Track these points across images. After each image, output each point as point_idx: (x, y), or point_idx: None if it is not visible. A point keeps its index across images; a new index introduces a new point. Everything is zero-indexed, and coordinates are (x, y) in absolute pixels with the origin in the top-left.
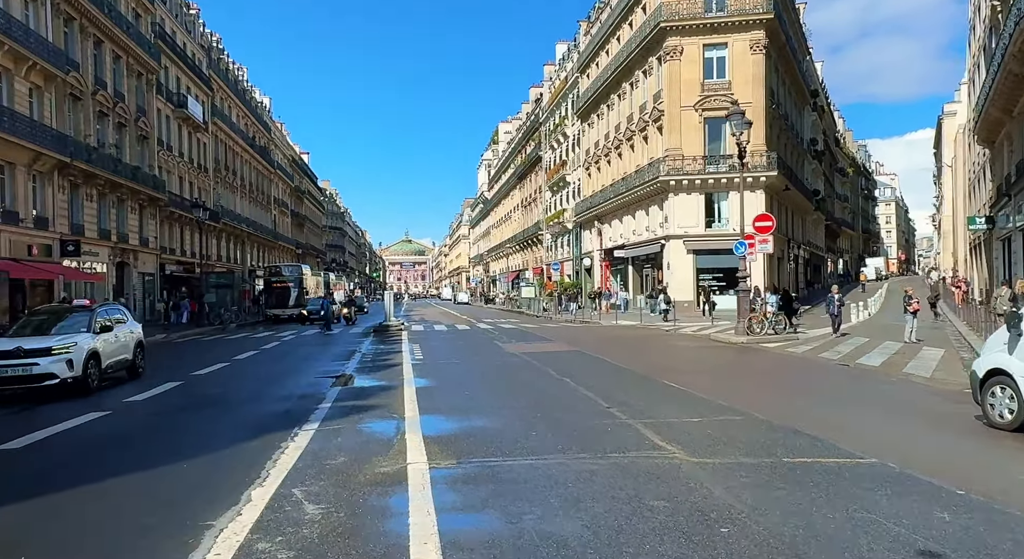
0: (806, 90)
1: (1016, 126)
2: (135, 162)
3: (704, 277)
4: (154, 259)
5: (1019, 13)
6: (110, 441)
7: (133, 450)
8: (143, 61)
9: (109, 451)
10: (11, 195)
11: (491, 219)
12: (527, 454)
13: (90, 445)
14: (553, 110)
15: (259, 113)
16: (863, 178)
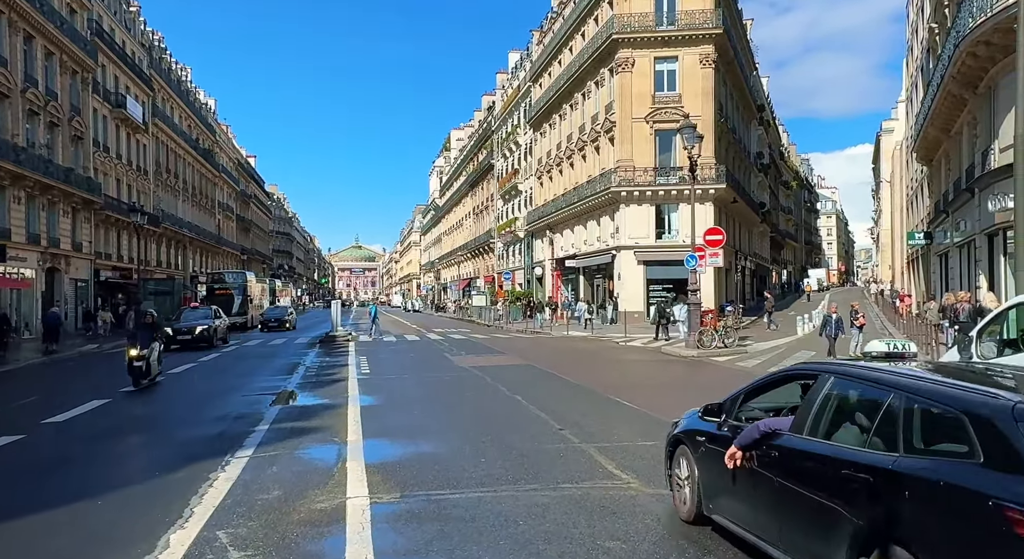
0: (753, 104)
1: (953, 145)
2: (68, 163)
3: (654, 288)
4: (88, 265)
5: (958, 36)
6: (15, 473)
7: (41, 483)
8: (78, 58)
9: (10, 485)
10: None
11: (442, 226)
12: (476, 485)
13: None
14: (506, 118)
15: (203, 115)
16: (806, 191)
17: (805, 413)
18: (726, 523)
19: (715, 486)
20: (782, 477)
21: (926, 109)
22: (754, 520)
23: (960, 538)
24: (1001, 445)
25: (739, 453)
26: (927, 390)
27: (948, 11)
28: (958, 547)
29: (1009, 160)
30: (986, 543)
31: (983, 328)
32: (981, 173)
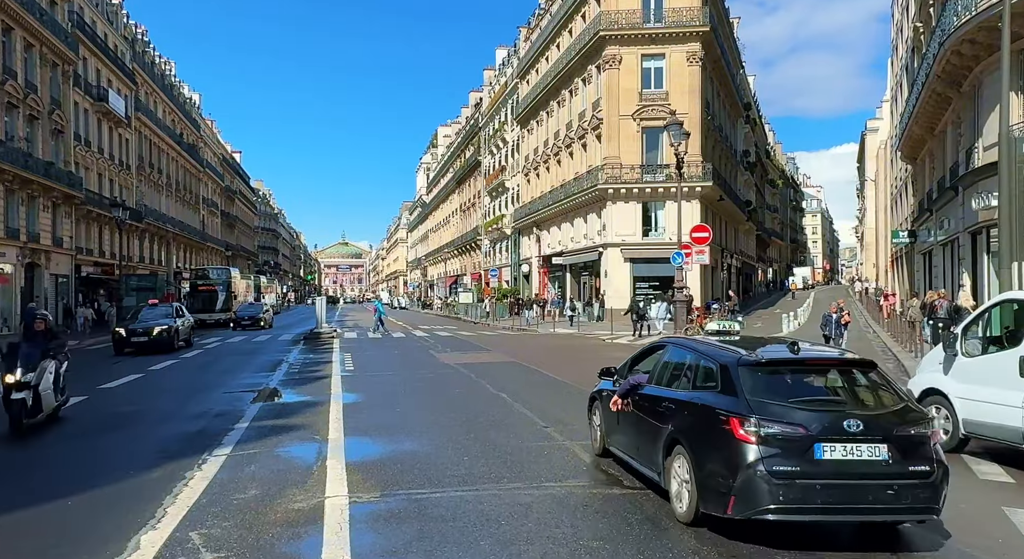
0: (739, 103)
1: (938, 144)
2: (48, 157)
3: (641, 286)
4: (69, 260)
5: (942, 35)
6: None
7: (13, 483)
8: (58, 51)
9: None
10: None
11: (429, 223)
12: (458, 484)
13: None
14: (493, 115)
15: (187, 109)
16: (791, 190)
17: (655, 370)
18: (616, 451)
19: (610, 426)
20: (640, 412)
21: (911, 108)
22: (627, 444)
23: (708, 434)
24: (728, 380)
25: (619, 400)
26: (705, 351)
27: (933, 10)
28: (707, 439)
29: (993, 158)
30: (718, 435)
31: (967, 326)
32: (965, 171)
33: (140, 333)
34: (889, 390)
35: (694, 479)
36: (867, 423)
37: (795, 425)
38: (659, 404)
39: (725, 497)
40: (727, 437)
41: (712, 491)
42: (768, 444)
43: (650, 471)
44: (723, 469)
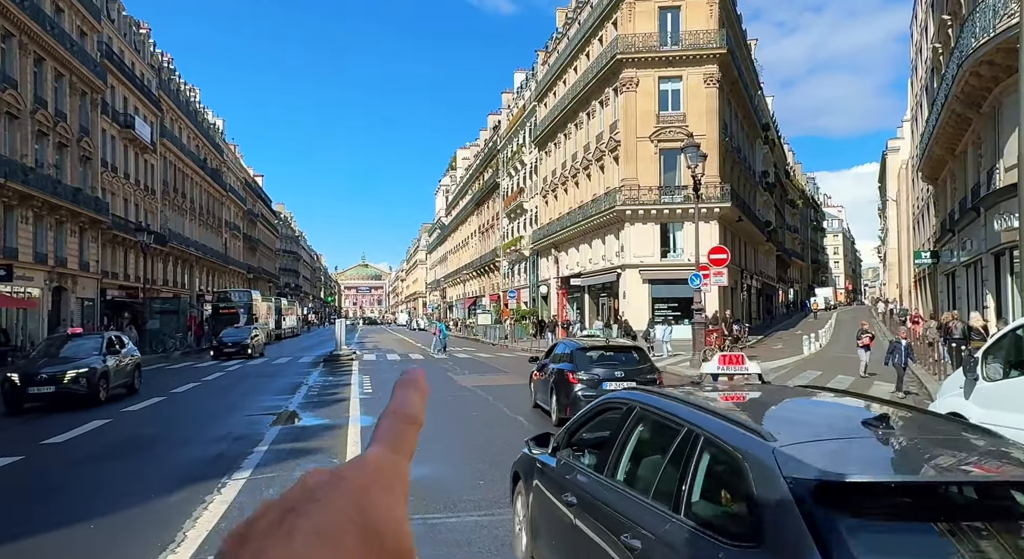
0: (758, 124)
1: (959, 164)
2: (76, 183)
3: (660, 307)
4: (95, 284)
5: (961, 56)
6: (8, 496)
7: (37, 505)
8: (88, 80)
9: (3, 509)
10: None
11: (448, 245)
12: (473, 509)
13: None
14: (511, 138)
15: (211, 135)
16: (812, 210)
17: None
18: None
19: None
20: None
21: (931, 128)
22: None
23: (561, 382)
24: (571, 357)
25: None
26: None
27: (951, 31)
28: (561, 384)
29: (1014, 179)
30: (565, 381)
31: (988, 349)
32: (986, 192)
33: (44, 380)
34: (645, 360)
35: (557, 401)
36: (627, 373)
37: (593, 374)
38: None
39: (566, 409)
40: (568, 382)
41: (563, 407)
42: (582, 383)
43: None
44: (566, 397)
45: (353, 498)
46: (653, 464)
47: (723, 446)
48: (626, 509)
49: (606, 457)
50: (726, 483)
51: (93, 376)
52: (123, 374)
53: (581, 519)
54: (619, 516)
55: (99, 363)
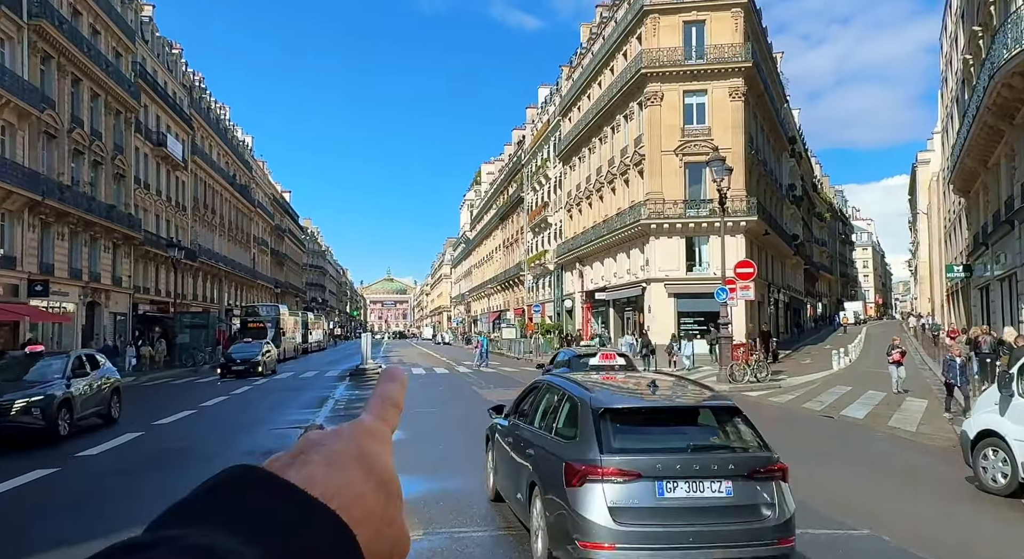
0: (784, 136)
1: (991, 177)
2: (110, 200)
3: (685, 321)
4: (127, 299)
5: (992, 67)
6: (41, 511)
7: (62, 523)
8: (122, 100)
9: (33, 524)
10: None
11: (473, 259)
12: (500, 522)
13: (16, 515)
14: (535, 152)
15: (240, 151)
16: (840, 223)
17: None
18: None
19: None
20: None
21: (962, 140)
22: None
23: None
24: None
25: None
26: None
27: (982, 42)
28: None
29: None
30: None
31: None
32: (1021, 205)
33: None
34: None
35: None
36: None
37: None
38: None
39: None
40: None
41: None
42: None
43: None
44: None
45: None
46: (546, 412)
47: (573, 398)
48: (531, 438)
49: (529, 413)
50: (571, 415)
51: (50, 406)
52: (95, 401)
53: (513, 450)
54: (528, 441)
55: (60, 389)
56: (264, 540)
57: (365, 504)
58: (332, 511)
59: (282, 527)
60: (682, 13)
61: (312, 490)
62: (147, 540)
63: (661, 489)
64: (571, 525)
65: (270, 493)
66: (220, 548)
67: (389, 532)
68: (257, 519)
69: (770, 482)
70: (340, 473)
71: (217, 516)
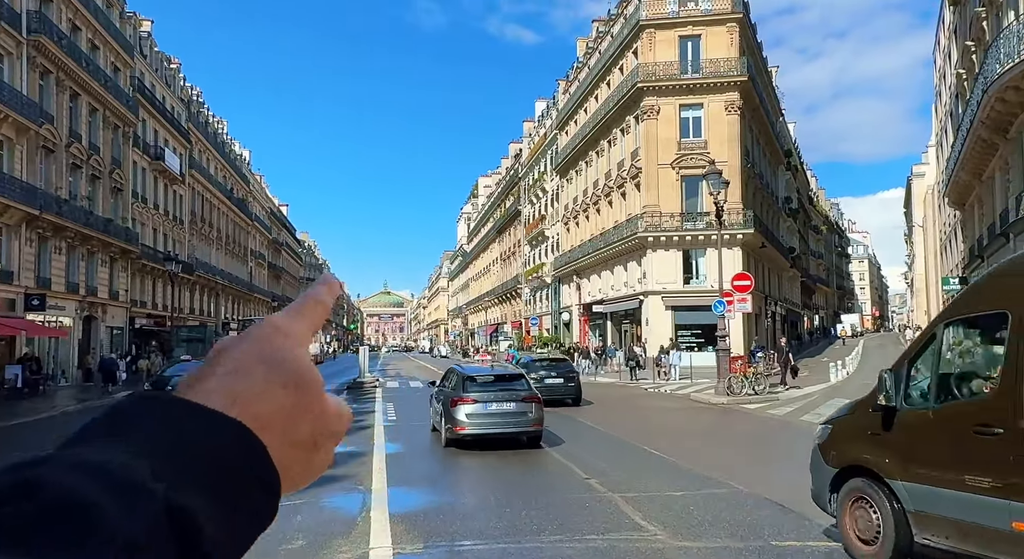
0: (779, 150)
1: (986, 190)
2: (108, 214)
3: (683, 334)
4: (124, 312)
5: (986, 82)
6: None
7: None
8: (120, 114)
9: None
10: None
11: (470, 272)
12: (500, 536)
13: None
14: (532, 165)
15: (238, 165)
16: (836, 235)
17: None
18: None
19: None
20: None
21: (956, 154)
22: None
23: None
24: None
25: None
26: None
27: (975, 57)
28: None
29: None
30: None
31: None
32: (1015, 218)
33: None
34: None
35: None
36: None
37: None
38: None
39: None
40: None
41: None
42: (533, 378)
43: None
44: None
45: (256, 344)
46: (447, 379)
47: (456, 372)
48: (442, 392)
49: (443, 382)
50: (455, 381)
51: None
52: None
53: (436, 399)
54: (438, 397)
55: None
56: (159, 452)
57: (271, 402)
58: (229, 418)
59: (179, 438)
60: (678, 28)
61: (211, 401)
62: (39, 457)
63: (487, 406)
64: (452, 422)
65: (168, 410)
66: (113, 462)
67: (306, 427)
68: (153, 435)
69: (531, 403)
70: (242, 379)
71: (113, 436)
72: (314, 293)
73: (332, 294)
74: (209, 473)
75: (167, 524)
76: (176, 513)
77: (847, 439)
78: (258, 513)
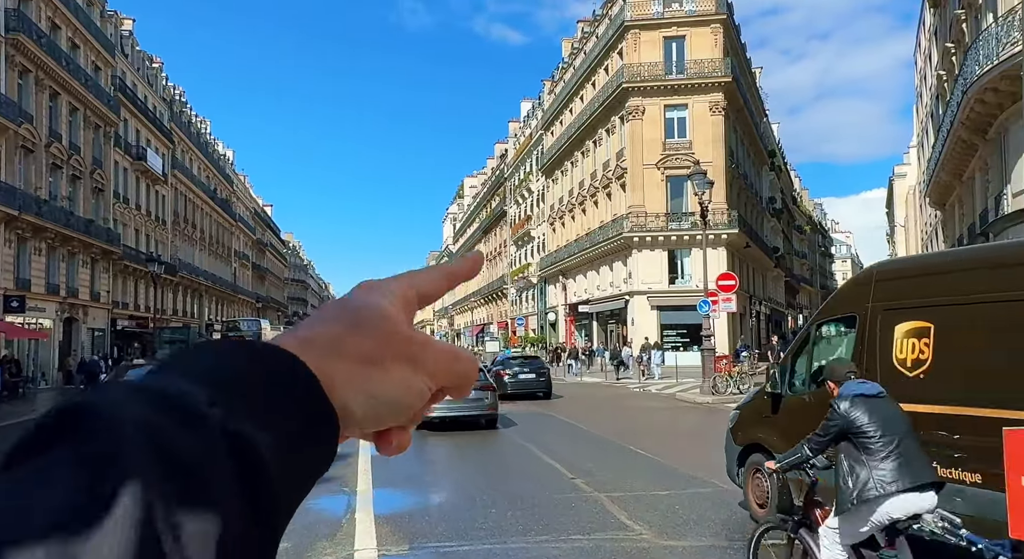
0: (763, 150)
1: (966, 190)
2: (89, 215)
3: (668, 333)
4: (105, 314)
5: (965, 83)
6: None
7: None
8: (101, 114)
9: None
10: None
11: None
12: (486, 537)
13: None
14: (518, 166)
15: (221, 165)
16: (820, 236)
17: None
18: None
19: None
20: None
21: (937, 154)
22: None
23: None
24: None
25: None
26: None
27: (955, 59)
28: None
29: (1022, 205)
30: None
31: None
32: (995, 217)
33: None
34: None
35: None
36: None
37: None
38: None
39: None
40: (499, 376)
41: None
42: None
43: None
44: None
45: (341, 299)
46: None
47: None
48: None
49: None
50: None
51: None
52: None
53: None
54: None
55: None
56: (217, 382)
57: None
58: (282, 349)
59: (235, 370)
60: (662, 29)
61: (285, 343)
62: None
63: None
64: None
65: (232, 350)
66: (171, 388)
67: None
68: (212, 367)
69: (487, 391)
70: (315, 324)
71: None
72: (444, 267)
73: (471, 267)
74: (266, 402)
75: (225, 448)
76: (233, 438)
77: (748, 422)
78: (317, 443)
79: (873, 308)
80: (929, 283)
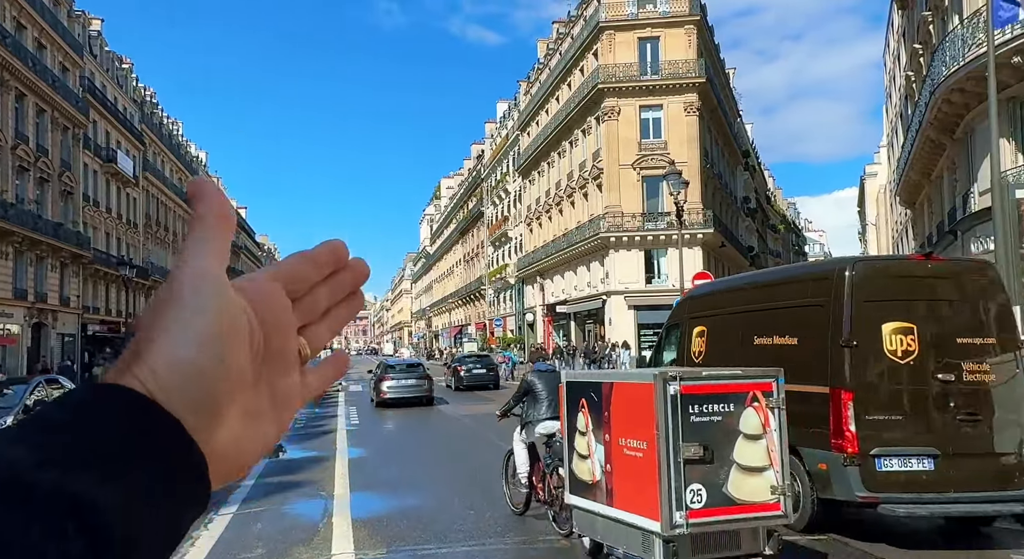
0: (738, 150)
1: (935, 189)
2: (58, 218)
3: (645, 333)
4: (75, 319)
5: (933, 84)
6: None
7: None
8: (70, 115)
9: None
10: None
11: (433, 274)
12: (464, 539)
13: None
14: (495, 167)
15: (194, 167)
16: (794, 234)
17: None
18: None
19: None
20: None
21: (906, 154)
22: None
23: None
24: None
25: None
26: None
27: (923, 60)
28: None
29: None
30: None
31: None
32: (963, 216)
33: None
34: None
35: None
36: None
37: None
38: None
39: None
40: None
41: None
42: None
43: None
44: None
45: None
46: (379, 369)
47: (382, 362)
48: (372, 376)
49: (376, 369)
50: (382, 368)
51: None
52: None
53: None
54: (373, 376)
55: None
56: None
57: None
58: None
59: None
60: (637, 30)
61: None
62: None
63: (399, 381)
64: (378, 391)
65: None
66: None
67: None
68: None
69: (425, 380)
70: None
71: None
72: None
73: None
74: (107, 451)
75: (60, 512)
76: (69, 501)
77: None
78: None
79: (686, 319)
80: (708, 301)
